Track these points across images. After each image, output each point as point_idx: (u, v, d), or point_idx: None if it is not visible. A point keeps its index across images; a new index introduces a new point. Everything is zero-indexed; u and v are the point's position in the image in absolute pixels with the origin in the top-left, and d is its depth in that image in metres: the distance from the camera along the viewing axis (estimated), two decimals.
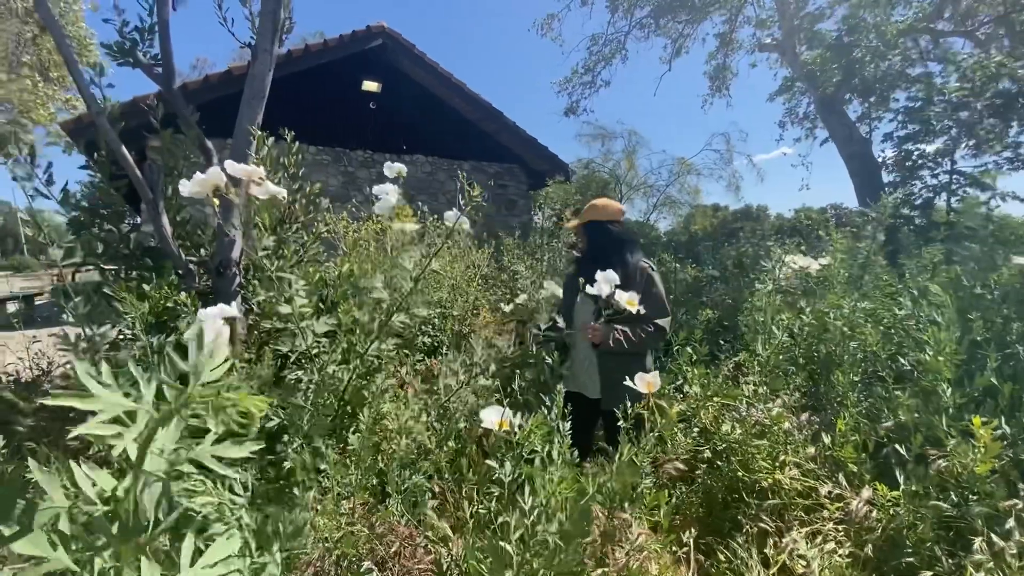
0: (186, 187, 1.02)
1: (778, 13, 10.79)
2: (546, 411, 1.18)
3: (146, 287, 1.75)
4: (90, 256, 2.05)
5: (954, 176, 7.74)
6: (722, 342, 3.22)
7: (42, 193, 1.89)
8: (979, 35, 9.50)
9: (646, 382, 1.19)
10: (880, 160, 9.54)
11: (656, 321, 2.03)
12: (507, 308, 2.83)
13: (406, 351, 2.20)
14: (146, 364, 1.35)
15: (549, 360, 1.63)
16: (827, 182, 17.90)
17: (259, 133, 2.06)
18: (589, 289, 1.57)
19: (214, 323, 0.93)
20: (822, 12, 10.08)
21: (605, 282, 1.55)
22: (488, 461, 1.12)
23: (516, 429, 1.09)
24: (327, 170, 7.72)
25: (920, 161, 8.29)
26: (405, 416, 1.65)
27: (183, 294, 1.71)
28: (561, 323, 2.01)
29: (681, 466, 1.66)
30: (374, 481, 1.56)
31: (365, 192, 7.49)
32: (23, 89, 8.59)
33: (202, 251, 2.30)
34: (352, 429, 1.58)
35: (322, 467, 1.41)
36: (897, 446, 1.62)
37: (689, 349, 2.36)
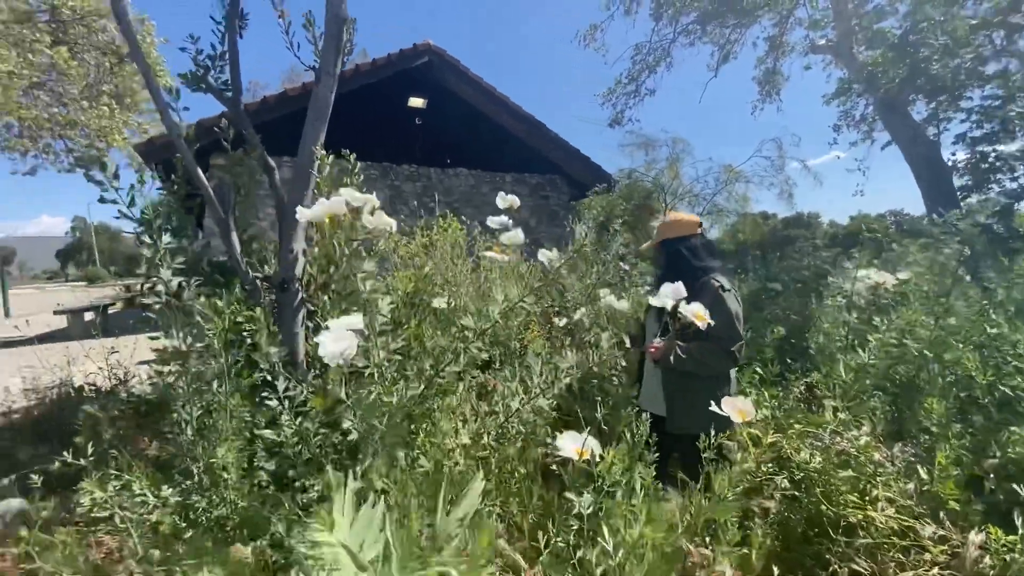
0: (305, 213, 1.09)
1: (833, 13, 10.32)
2: (627, 437, 1.11)
3: (219, 302, 1.81)
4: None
5: None
6: (789, 360, 3.03)
7: (125, 215, 2.00)
8: None
9: (737, 408, 1.09)
10: (950, 163, 8.91)
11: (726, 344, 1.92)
12: (560, 323, 2.77)
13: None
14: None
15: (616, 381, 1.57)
16: (882, 184, 16.83)
17: (322, 153, 2.12)
18: (653, 301, 1.58)
19: (347, 335, 0.91)
20: (882, 10, 9.54)
21: (669, 295, 1.52)
22: (568, 495, 1.07)
23: (596, 458, 1.03)
24: (375, 184, 7.95)
25: (997, 163, 7.67)
26: (465, 436, 1.62)
27: (251, 309, 1.76)
28: (627, 341, 1.94)
29: (768, 504, 1.54)
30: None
31: (411, 205, 7.65)
32: (101, 116, 9.29)
33: (266, 267, 2.38)
34: (414, 447, 1.56)
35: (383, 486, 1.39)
36: (1015, 485, 1.44)
37: (758, 369, 2.21)
